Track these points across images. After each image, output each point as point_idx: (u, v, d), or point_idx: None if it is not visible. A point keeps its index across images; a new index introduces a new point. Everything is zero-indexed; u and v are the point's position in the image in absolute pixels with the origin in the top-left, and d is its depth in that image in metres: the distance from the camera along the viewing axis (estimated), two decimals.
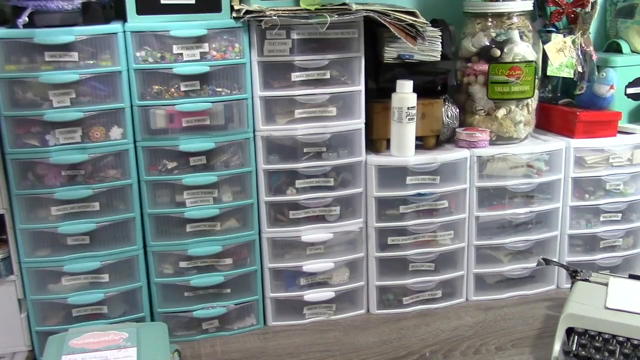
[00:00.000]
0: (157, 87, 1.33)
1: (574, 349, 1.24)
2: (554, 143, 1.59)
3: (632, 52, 1.71)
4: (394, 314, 1.57)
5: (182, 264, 1.43)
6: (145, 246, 1.41)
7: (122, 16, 1.35)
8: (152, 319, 1.45)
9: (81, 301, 1.38)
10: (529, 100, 1.59)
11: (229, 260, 1.46)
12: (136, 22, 1.30)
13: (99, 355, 1.16)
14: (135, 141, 1.35)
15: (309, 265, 1.50)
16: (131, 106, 1.32)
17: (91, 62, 1.28)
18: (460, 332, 1.47)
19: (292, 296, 1.52)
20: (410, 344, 1.42)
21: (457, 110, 1.57)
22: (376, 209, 1.51)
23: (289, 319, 1.53)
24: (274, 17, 1.31)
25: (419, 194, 1.51)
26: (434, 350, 1.39)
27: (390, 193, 1.50)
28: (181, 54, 1.32)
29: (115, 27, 1.28)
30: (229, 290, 1.47)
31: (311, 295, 1.52)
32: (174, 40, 1.31)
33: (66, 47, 1.26)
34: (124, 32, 1.29)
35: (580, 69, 1.63)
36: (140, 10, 1.30)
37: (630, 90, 1.67)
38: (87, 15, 1.28)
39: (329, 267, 1.52)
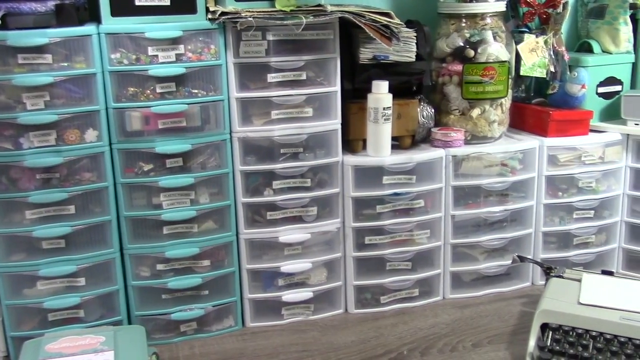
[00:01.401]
0: (132, 89, 1.32)
1: (548, 344, 1.26)
2: (528, 142, 1.62)
3: (603, 52, 1.73)
4: (372, 313, 1.57)
5: (160, 267, 1.43)
6: (121, 249, 1.40)
7: (96, 18, 1.33)
8: (130, 322, 1.44)
9: (57, 305, 1.37)
10: (503, 100, 1.61)
11: (206, 262, 1.45)
12: (111, 23, 1.29)
13: None
14: (110, 143, 1.34)
15: (287, 266, 1.51)
16: (106, 108, 1.32)
17: (65, 64, 1.27)
18: (437, 329, 1.49)
19: (271, 297, 1.52)
20: (388, 343, 1.43)
21: (433, 110, 1.59)
22: (353, 208, 1.52)
23: (268, 319, 1.53)
24: (250, 19, 1.31)
25: (396, 194, 1.52)
26: (411, 348, 1.41)
27: (367, 193, 1.51)
28: (156, 56, 1.31)
29: (89, 29, 1.28)
30: (206, 292, 1.47)
31: (289, 295, 1.52)
32: (149, 42, 1.30)
33: (40, 50, 1.25)
34: (99, 34, 1.28)
35: (552, 69, 1.66)
36: (115, 12, 1.29)
37: (601, 90, 1.69)
38: (60, 17, 1.27)
39: (307, 268, 1.52)
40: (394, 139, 1.52)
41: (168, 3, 1.32)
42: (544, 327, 1.30)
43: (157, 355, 1.30)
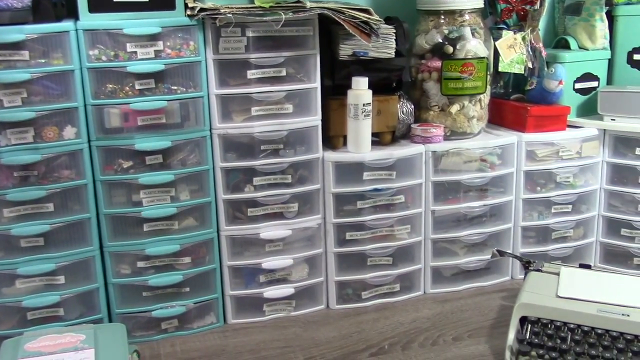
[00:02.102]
0: (111, 85, 1.31)
1: (527, 337, 1.27)
2: (506, 137, 1.63)
3: (580, 48, 1.75)
4: (354, 309, 1.58)
5: (140, 264, 1.42)
6: (101, 247, 1.39)
7: (74, 14, 1.32)
8: (110, 320, 1.43)
9: (36, 304, 1.36)
10: (482, 96, 1.62)
11: (187, 259, 1.45)
12: (88, 20, 1.28)
13: (55, 358, 1.15)
14: (89, 141, 1.33)
15: (268, 262, 1.51)
16: (85, 105, 1.31)
17: (42, 60, 1.26)
18: (418, 324, 1.50)
19: (252, 293, 1.52)
20: (369, 338, 1.44)
21: (412, 106, 1.60)
22: (334, 204, 1.52)
23: (249, 316, 1.53)
24: (229, 15, 1.31)
25: (376, 190, 1.53)
26: (392, 342, 1.41)
27: (347, 189, 1.52)
28: (135, 52, 1.30)
29: (67, 25, 1.26)
30: (187, 289, 1.47)
31: (271, 292, 1.52)
32: (127, 38, 1.29)
33: (16, 46, 1.23)
34: (76, 30, 1.27)
35: (530, 65, 1.67)
36: (93, 8, 1.28)
37: (578, 85, 1.71)
38: (37, 13, 1.26)
39: (288, 264, 1.52)
40: (374, 135, 1.53)
41: None
42: (523, 320, 1.32)
43: (138, 353, 1.30)
